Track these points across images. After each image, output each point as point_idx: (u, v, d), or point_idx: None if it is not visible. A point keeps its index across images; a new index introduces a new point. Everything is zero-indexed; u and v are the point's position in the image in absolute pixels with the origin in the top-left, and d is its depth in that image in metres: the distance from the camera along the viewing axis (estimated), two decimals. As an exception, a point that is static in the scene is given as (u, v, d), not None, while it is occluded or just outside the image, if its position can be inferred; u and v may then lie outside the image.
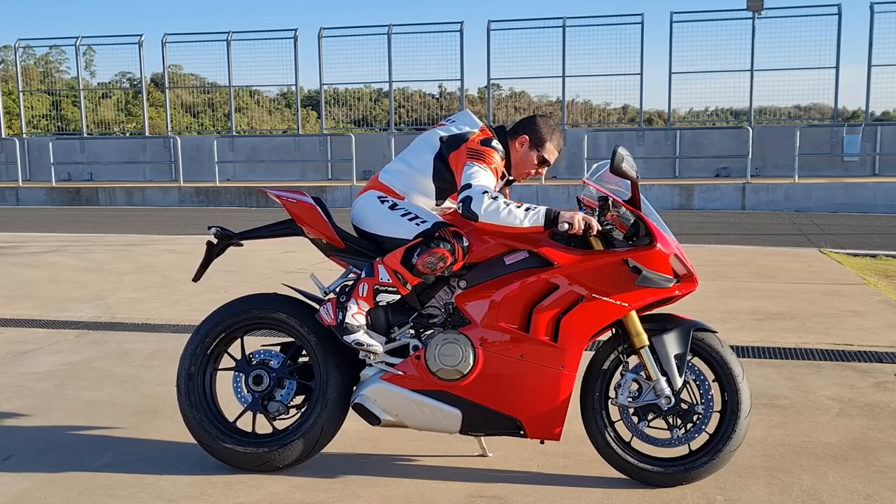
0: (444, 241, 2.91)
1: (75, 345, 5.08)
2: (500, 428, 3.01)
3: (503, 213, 2.86)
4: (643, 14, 19.45)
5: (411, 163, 3.16)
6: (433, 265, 2.90)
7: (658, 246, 2.89)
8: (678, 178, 18.17)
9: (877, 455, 3.25)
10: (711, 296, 6.27)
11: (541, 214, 2.87)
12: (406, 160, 3.19)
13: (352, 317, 3.00)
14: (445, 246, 2.90)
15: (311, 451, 3.10)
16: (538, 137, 3.15)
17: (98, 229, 12.47)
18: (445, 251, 2.89)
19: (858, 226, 12.25)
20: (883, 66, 18.60)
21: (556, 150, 3.20)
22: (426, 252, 2.90)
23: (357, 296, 3.01)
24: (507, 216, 2.86)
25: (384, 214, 3.09)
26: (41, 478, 3.08)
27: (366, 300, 3.01)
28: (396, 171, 3.18)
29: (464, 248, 2.93)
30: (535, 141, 3.15)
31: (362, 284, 3.01)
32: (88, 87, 24.10)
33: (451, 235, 2.93)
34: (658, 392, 2.94)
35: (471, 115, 3.20)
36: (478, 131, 3.09)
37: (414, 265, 2.91)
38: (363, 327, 3.02)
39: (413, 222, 3.03)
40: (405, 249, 2.96)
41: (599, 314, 2.91)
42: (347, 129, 23.18)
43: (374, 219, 3.12)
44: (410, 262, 2.92)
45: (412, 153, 3.19)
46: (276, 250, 8.89)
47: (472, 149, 3.02)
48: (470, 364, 2.93)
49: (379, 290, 3.01)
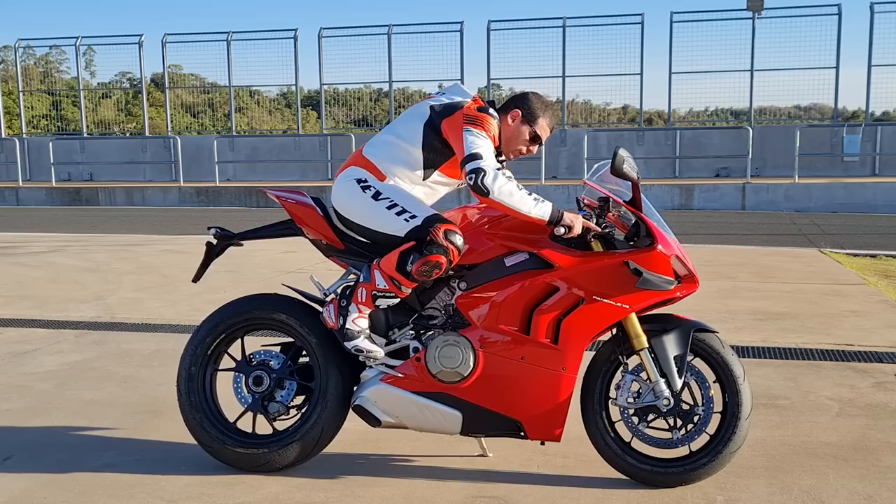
0: (436, 245, 2.83)
1: (75, 345, 5.08)
2: (500, 429, 3.01)
3: (516, 197, 2.81)
4: (643, 14, 19.48)
5: (399, 132, 3.05)
6: (428, 272, 2.86)
7: (659, 247, 2.87)
8: (678, 178, 18.17)
9: (877, 455, 3.25)
10: (711, 296, 6.26)
11: (547, 209, 2.84)
12: (394, 130, 3.08)
13: (352, 322, 2.98)
14: (439, 251, 2.83)
15: (311, 452, 3.09)
16: (531, 112, 3.04)
17: (98, 229, 12.47)
18: (440, 257, 2.83)
19: (858, 226, 12.25)
20: (883, 66, 18.61)
21: (549, 128, 3.08)
22: (420, 260, 2.84)
23: (357, 301, 2.98)
24: (518, 201, 2.81)
25: (368, 206, 2.99)
26: (41, 478, 3.08)
27: (365, 304, 2.99)
28: (383, 142, 3.07)
29: (458, 248, 2.87)
30: (527, 115, 3.03)
31: (361, 289, 2.98)
32: (88, 87, 24.10)
33: (443, 237, 2.84)
34: (657, 394, 2.93)
35: (462, 86, 3.11)
36: (470, 101, 3.01)
37: (409, 272, 2.87)
38: (364, 332, 3.00)
39: (402, 217, 2.93)
40: (399, 255, 2.89)
41: (600, 316, 2.90)
42: (347, 129, 23.19)
43: (357, 209, 3.02)
44: (405, 269, 2.87)
45: (400, 123, 3.08)
46: (277, 250, 8.89)
47: (468, 115, 2.92)
48: (470, 366, 2.92)
49: (377, 295, 2.98)
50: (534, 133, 3.05)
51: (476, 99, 3.03)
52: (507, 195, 2.81)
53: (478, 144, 2.87)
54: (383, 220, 2.97)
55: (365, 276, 3.00)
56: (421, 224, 2.91)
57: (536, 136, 3.06)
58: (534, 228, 2.94)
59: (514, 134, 3.05)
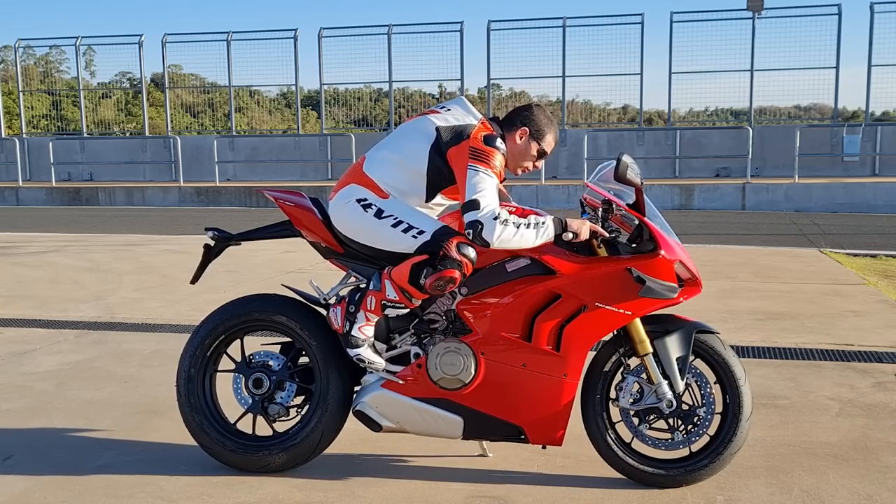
0: (450, 260, 2.79)
1: (75, 345, 5.08)
2: (501, 434, 3.00)
3: (515, 239, 2.80)
4: (643, 14, 19.45)
5: (403, 151, 2.97)
6: (443, 287, 2.82)
7: (662, 253, 2.86)
8: (678, 178, 18.16)
9: (877, 455, 3.25)
10: (712, 296, 6.26)
11: (550, 230, 2.83)
12: (398, 149, 2.99)
13: (359, 329, 2.96)
14: (453, 265, 2.79)
15: (311, 454, 3.09)
16: (538, 129, 3.03)
17: (98, 229, 12.46)
18: (454, 272, 2.79)
19: (858, 226, 12.25)
20: (883, 66, 18.59)
21: (554, 142, 3.09)
22: (434, 275, 2.80)
23: (365, 308, 2.96)
24: (520, 240, 2.81)
25: (372, 225, 2.93)
26: (41, 478, 3.08)
27: (374, 313, 2.97)
28: (386, 160, 3.00)
29: (472, 261, 2.83)
30: (535, 133, 3.03)
31: (370, 298, 2.95)
32: (88, 87, 24.09)
33: (456, 251, 2.80)
34: (660, 395, 2.93)
35: (466, 102, 3.02)
36: (478, 124, 2.93)
37: (423, 286, 2.83)
38: (368, 341, 2.99)
39: (409, 234, 2.89)
40: (412, 267, 2.84)
41: (602, 323, 2.89)
42: (347, 129, 23.18)
43: (361, 230, 2.97)
44: (419, 282, 2.83)
45: (404, 141, 3.00)
46: (277, 251, 8.89)
47: (474, 148, 2.86)
48: (471, 373, 2.91)
49: (387, 304, 2.95)
50: (541, 149, 3.06)
51: (483, 122, 2.96)
52: (507, 241, 2.80)
53: (480, 187, 2.82)
54: (390, 239, 2.92)
55: (375, 285, 2.96)
56: (431, 239, 2.87)
57: (543, 151, 3.07)
58: None
59: (523, 151, 3.04)
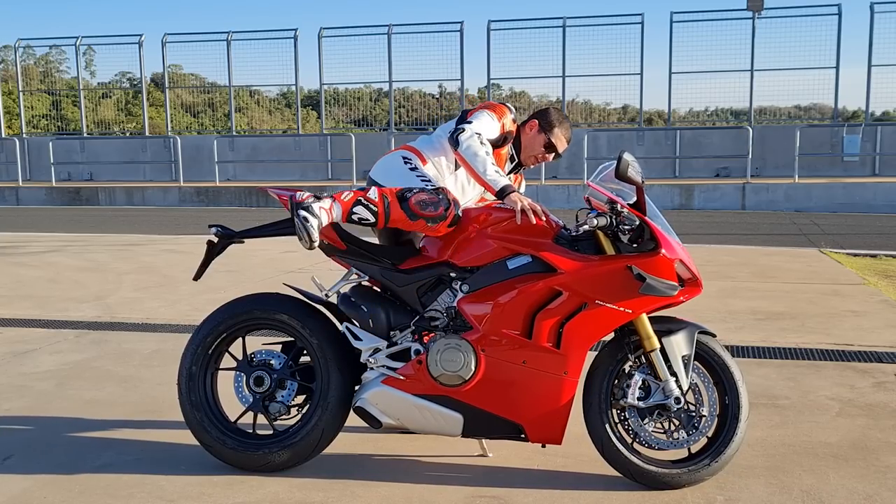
0: (444, 194, 2.98)
1: (75, 345, 5.08)
2: (501, 432, 3.00)
3: (478, 159, 3.02)
4: (643, 14, 19.46)
5: (439, 133, 3.34)
6: (423, 206, 2.94)
7: (663, 251, 2.86)
8: (678, 178, 18.17)
9: (877, 455, 3.25)
10: (712, 296, 6.26)
11: (501, 182, 3.01)
12: (436, 133, 3.38)
13: (319, 208, 2.97)
14: (442, 197, 2.96)
15: (312, 453, 3.09)
16: (547, 122, 3.33)
17: (98, 229, 12.47)
18: (440, 200, 2.95)
19: (858, 226, 12.25)
20: (883, 66, 18.60)
21: (564, 138, 3.35)
22: (423, 191, 2.98)
23: (338, 196, 3.04)
24: (476, 160, 3.03)
25: (402, 171, 3.20)
26: (41, 478, 3.08)
27: (341, 204, 3.00)
28: (427, 139, 3.37)
29: (455, 216, 2.98)
30: (543, 125, 3.33)
31: (349, 192, 3.07)
32: (88, 87, 24.10)
33: (452, 197, 2.99)
34: (668, 393, 2.93)
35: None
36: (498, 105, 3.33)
37: (406, 199, 2.97)
38: (318, 221, 2.95)
39: (421, 180, 3.14)
40: (405, 186, 3.05)
41: (603, 321, 2.89)
42: (347, 129, 23.19)
43: (390, 172, 3.22)
44: (405, 195, 2.99)
45: (441, 129, 3.37)
46: (277, 250, 8.89)
47: (488, 104, 3.29)
48: (472, 370, 2.92)
49: (359, 202, 2.99)
50: (548, 141, 3.33)
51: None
52: (471, 154, 3.04)
53: (482, 120, 3.17)
54: (406, 181, 3.14)
55: (361, 187, 3.10)
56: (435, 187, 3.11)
57: (551, 144, 3.33)
58: (537, 231, 2.95)
59: (532, 142, 3.35)
